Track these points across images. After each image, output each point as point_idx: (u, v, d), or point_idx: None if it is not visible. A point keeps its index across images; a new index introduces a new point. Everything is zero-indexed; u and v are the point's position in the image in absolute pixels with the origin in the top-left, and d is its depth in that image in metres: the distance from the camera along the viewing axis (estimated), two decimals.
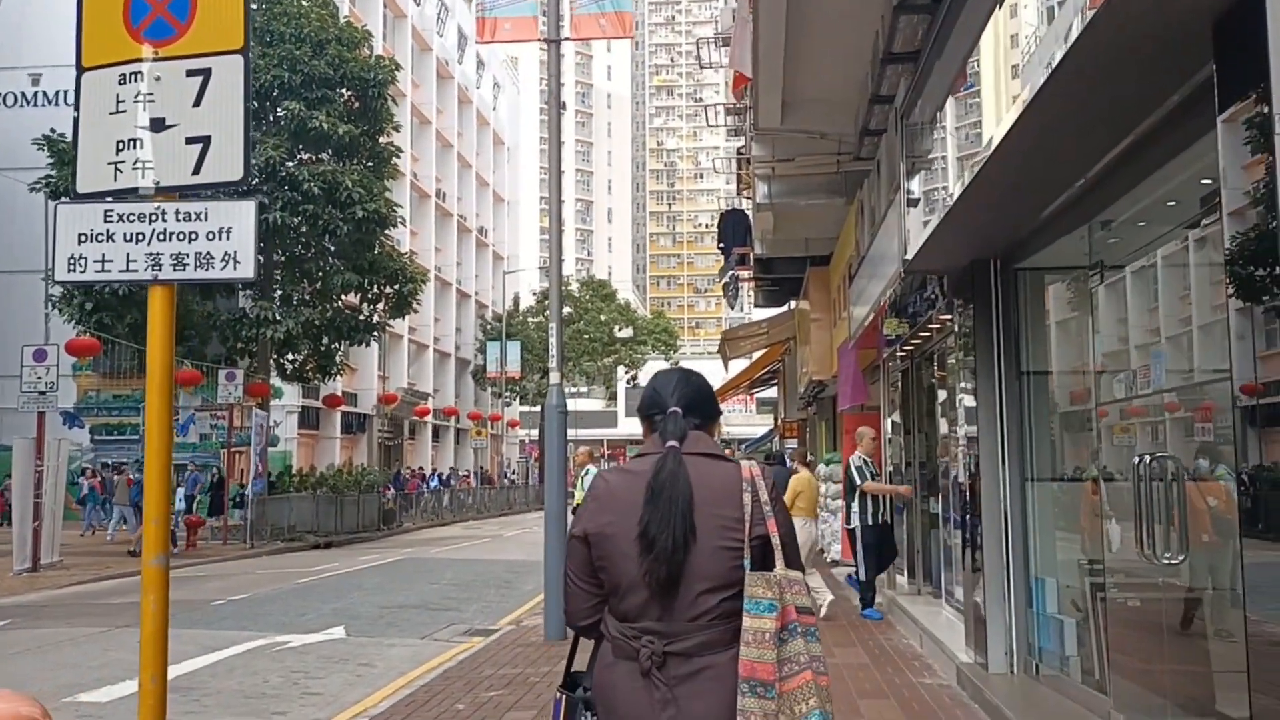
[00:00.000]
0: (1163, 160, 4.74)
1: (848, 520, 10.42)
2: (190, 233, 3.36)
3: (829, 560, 15.58)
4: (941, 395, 9.57)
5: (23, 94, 32.77)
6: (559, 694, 2.65)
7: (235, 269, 3.29)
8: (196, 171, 3.35)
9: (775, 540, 2.41)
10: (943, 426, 9.20)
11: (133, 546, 19.90)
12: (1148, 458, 4.72)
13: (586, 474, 12.27)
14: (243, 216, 3.35)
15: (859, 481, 10.18)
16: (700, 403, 2.62)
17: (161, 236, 3.35)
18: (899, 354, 10.78)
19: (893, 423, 11.47)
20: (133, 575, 16.92)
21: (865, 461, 10.34)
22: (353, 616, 11.58)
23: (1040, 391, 6.86)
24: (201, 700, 7.43)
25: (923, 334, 9.34)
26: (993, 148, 5.05)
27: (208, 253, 3.34)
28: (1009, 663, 6.72)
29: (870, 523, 10.11)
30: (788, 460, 14.13)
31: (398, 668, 8.68)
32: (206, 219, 3.37)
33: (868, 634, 9.43)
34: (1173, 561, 4.60)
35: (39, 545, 16.85)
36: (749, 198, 16.41)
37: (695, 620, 2.37)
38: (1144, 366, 5.29)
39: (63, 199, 22.15)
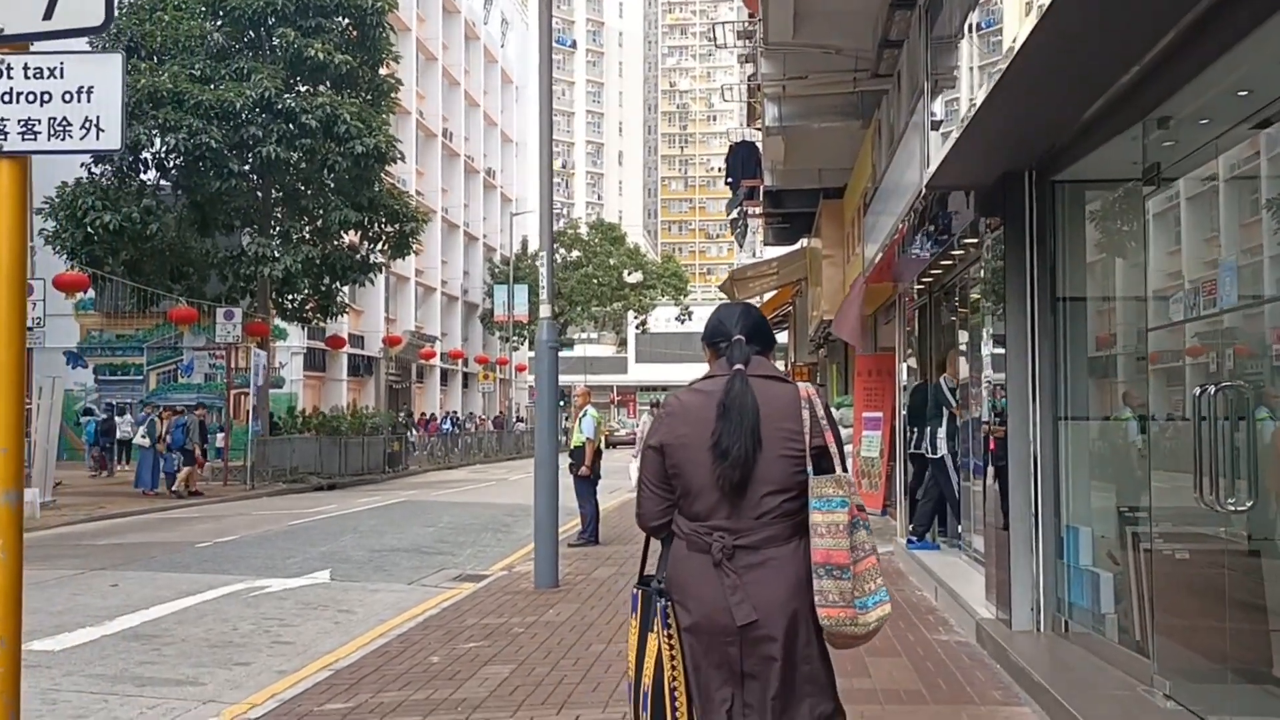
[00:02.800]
0: (1235, 39, 4.01)
1: (933, 449, 9.28)
2: (42, 93, 2.69)
3: None
4: (964, 333, 8.88)
5: None
6: (636, 590, 2.97)
7: (99, 138, 2.64)
8: (48, 15, 2.67)
9: (833, 450, 2.79)
10: (963, 363, 8.52)
11: (177, 486, 19.71)
12: (1211, 389, 4.05)
13: (585, 415, 11.67)
14: (107, 74, 2.68)
15: (953, 405, 9.07)
16: (760, 332, 2.98)
17: (6, 98, 2.69)
18: (916, 288, 10.07)
19: (908, 368, 10.78)
20: (126, 516, 16.54)
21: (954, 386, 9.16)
22: (341, 560, 11.10)
23: (1077, 320, 6.17)
24: (161, 650, 6.92)
25: (944, 262, 8.62)
26: (1032, 26, 4.31)
27: (64, 118, 2.68)
28: (1035, 619, 6.12)
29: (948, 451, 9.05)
30: None
31: (378, 615, 8.18)
32: (62, 76, 2.71)
33: None
34: (1239, 509, 3.95)
35: (26, 485, 16.40)
36: (759, 128, 15.57)
37: (760, 519, 2.76)
38: (1207, 283, 4.59)
39: None
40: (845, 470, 2.82)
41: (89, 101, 2.68)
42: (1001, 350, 6.42)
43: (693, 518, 2.84)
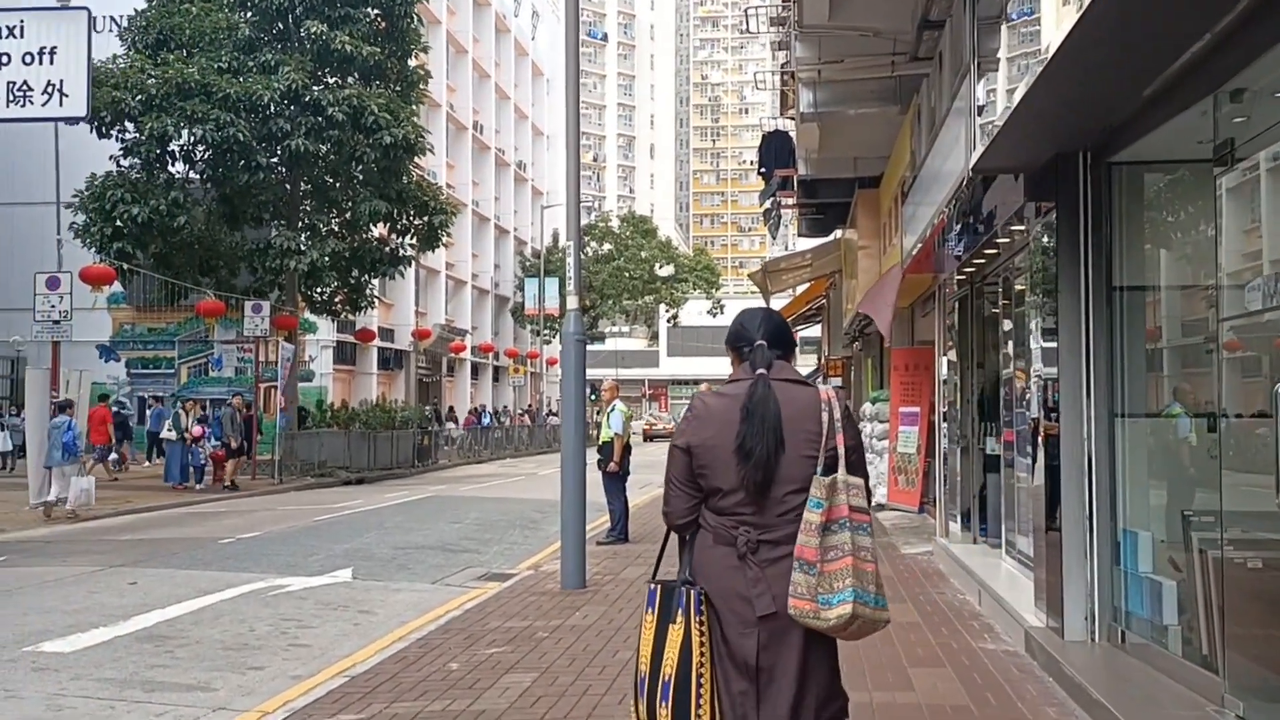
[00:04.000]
0: None
1: None
2: (1, 55, 2.41)
3: (875, 504, 14.65)
4: (1007, 324, 8.49)
5: None
6: (653, 585, 3.02)
7: (62, 104, 2.38)
8: None
9: (841, 451, 2.89)
10: (1008, 354, 8.14)
11: (226, 479, 19.88)
12: None
13: (613, 410, 11.37)
14: (71, 33, 2.42)
15: None
16: (781, 337, 3.08)
17: None
18: (956, 278, 9.66)
19: (948, 361, 10.38)
20: (153, 510, 16.46)
21: None
22: (364, 558, 10.88)
23: (1135, 310, 5.78)
24: (175, 652, 6.70)
25: (987, 251, 8.22)
26: None
27: (24, 82, 2.42)
28: (1089, 629, 5.75)
29: None
30: None
31: (399, 616, 7.93)
32: (21, 35, 2.44)
33: (918, 587, 8.48)
34: None
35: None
36: (793, 118, 15.18)
37: (783, 515, 2.87)
38: None
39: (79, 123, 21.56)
40: (858, 471, 2.93)
41: (52, 64, 2.42)
42: (1053, 344, 6.03)
43: (719, 513, 2.96)
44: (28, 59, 2.06)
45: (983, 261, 8.71)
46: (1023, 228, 6.92)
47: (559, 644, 6.52)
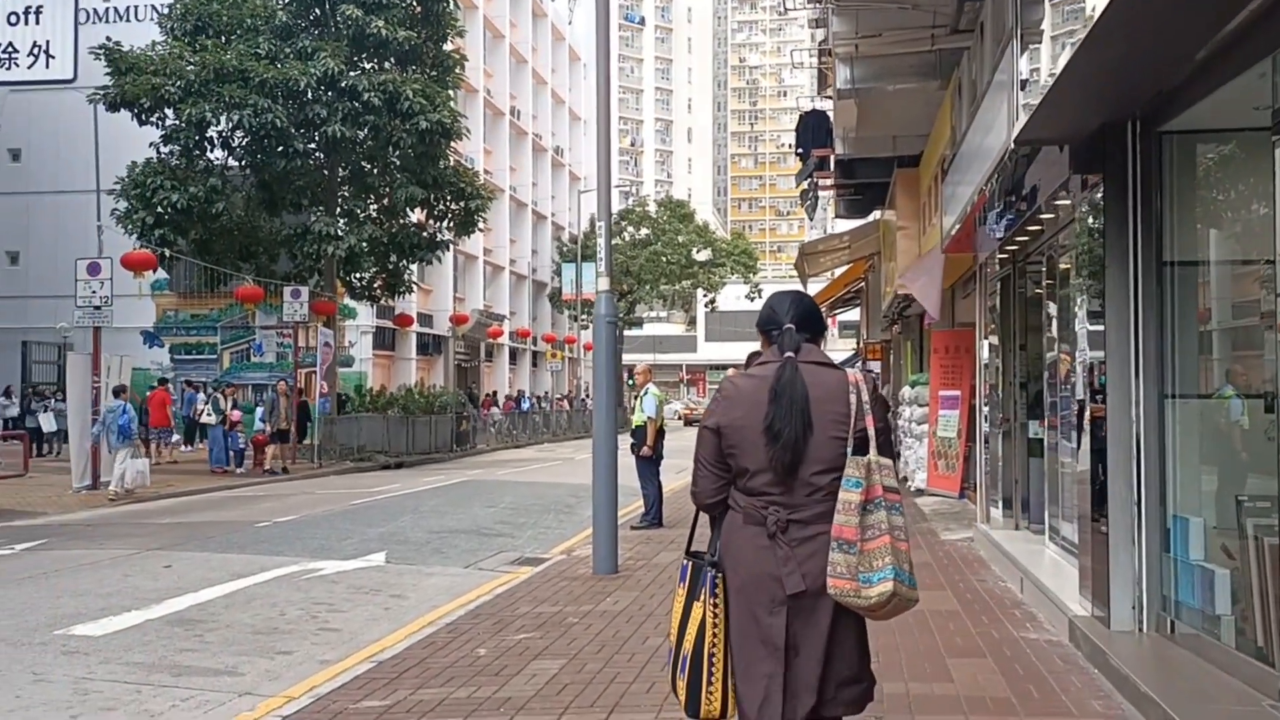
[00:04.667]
0: None
1: None
2: None
3: (914, 489, 14.40)
4: (1051, 304, 8.23)
5: (84, 10, 32.42)
6: (686, 560, 3.11)
7: (49, 66, 2.25)
8: None
9: (871, 432, 2.92)
10: (1052, 335, 7.89)
11: (270, 464, 20.19)
12: None
13: (646, 393, 11.23)
14: None
15: None
16: (810, 320, 3.11)
17: None
18: (998, 257, 9.39)
19: (990, 344, 10.11)
20: (192, 494, 16.61)
21: None
22: (399, 541, 10.86)
23: (1186, 287, 5.53)
24: (204, 636, 6.68)
25: (1030, 228, 7.95)
26: None
27: (9, 44, 2.30)
28: (1136, 618, 5.52)
29: None
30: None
31: (431, 601, 7.88)
32: None
33: (958, 574, 8.27)
34: None
35: (98, 462, 16.58)
36: (830, 97, 14.88)
37: (811, 495, 2.91)
38: None
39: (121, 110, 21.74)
40: (886, 452, 2.96)
41: (38, 23, 2.30)
42: (1100, 324, 5.79)
43: (748, 493, 2.98)
44: (12, 19, 1.98)
45: (1025, 239, 8.45)
46: (1068, 202, 6.66)
47: (588, 630, 6.42)
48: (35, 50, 4.42)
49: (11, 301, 32.05)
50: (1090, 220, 6.05)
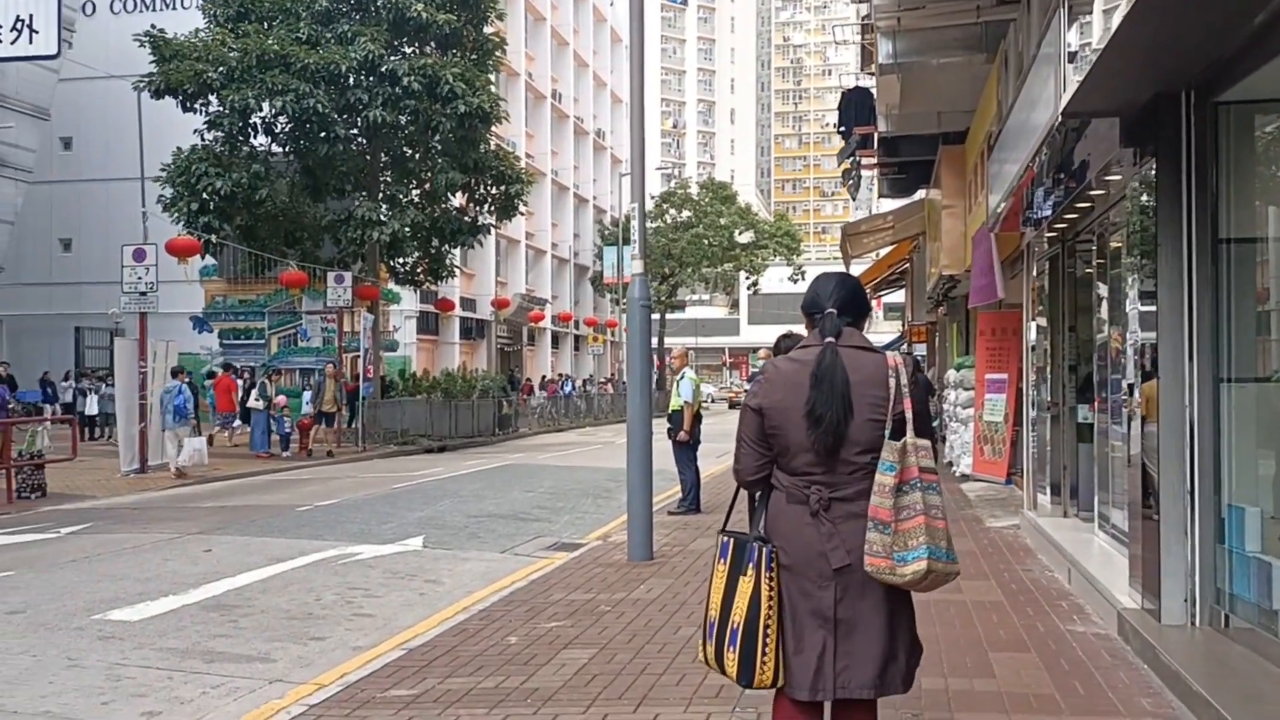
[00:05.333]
0: None
1: None
2: None
3: (958, 474, 14.13)
4: (1101, 285, 7.96)
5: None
6: (724, 537, 3.21)
7: (32, 41, 2.18)
8: None
9: (908, 415, 3.01)
10: (1102, 316, 7.62)
11: (312, 447, 20.61)
12: None
13: (683, 378, 11.09)
14: None
15: None
16: (853, 304, 3.18)
17: None
18: (1046, 236, 9.10)
19: (1037, 326, 9.82)
20: (239, 478, 16.79)
21: None
22: (437, 526, 10.86)
23: (1243, 265, 5.27)
24: (239, 622, 6.69)
25: (1080, 205, 7.68)
26: None
27: None
28: (1189, 612, 5.30)
29: None
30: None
31: (465, 586, 7.84)
32: None
33: (1002, 563, 8.05)
34: None
35: (146, 446, 16.82)
36: (873, 73, 14.57)
37: (852, 475, 3.01)
38: None
39: (166, 97, 21.95)
40: (924, 433, 3.05)
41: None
42: (1152, 304, 5.54)
43: (791, 472, 3.10)
44: None
45: (1075, 217, 8.17)
46: (1118, 178, 6.40)
47: (620, 618, 6.32)
48: (18, 25, 4.38)
49: (65, 288, 32.68)
50: (1142, 196, 5.79)
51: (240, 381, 22.87)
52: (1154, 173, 5.52)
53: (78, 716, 4.83)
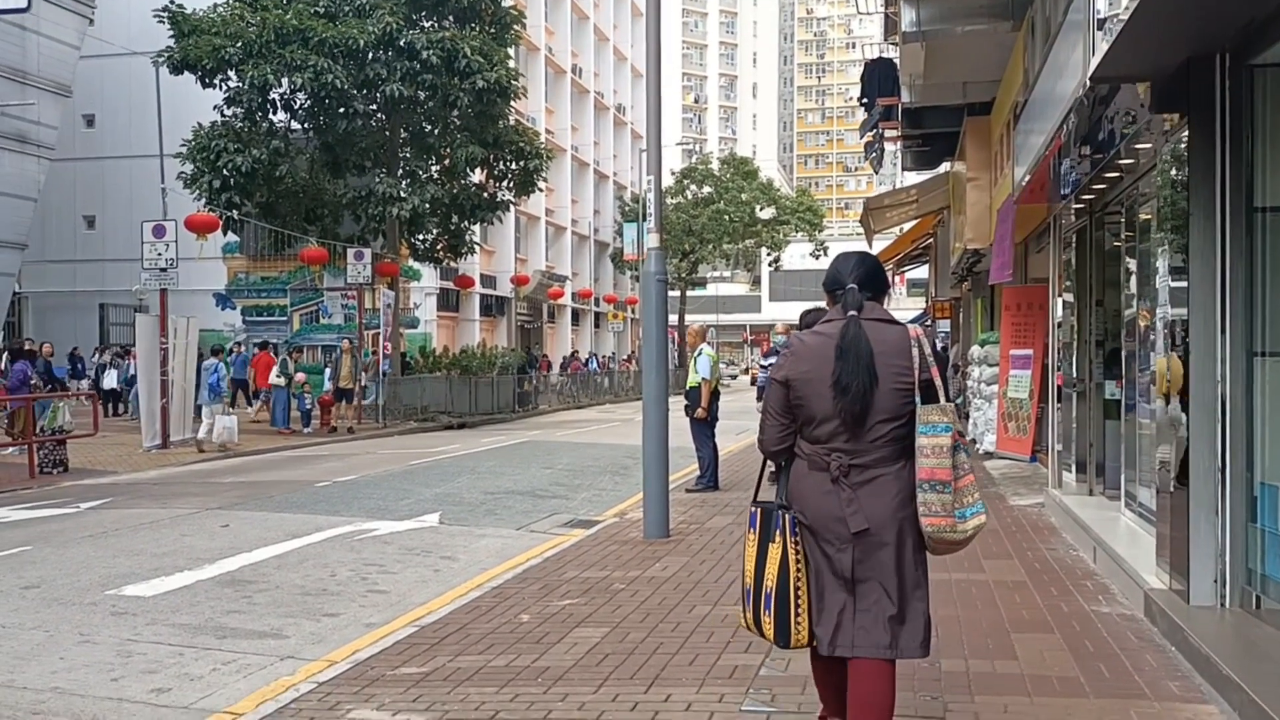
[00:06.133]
0: None
1: None
2: None
3: (982, 452, 13.95)
4: (1130, 259, 7.74)
5: None
6: (753, 508, 3.38)
7: None
8: None
9: (937, 380, 3.20)
10: (1131, 291, 7.42)
11: (342, 424, 20.79)
12: None
13: (700, 354, 10.96)
14: None
15: None
16: (873, 279, 3.34)
17: None
18: (1074, 207, 8.89)
19: (1064, 302, 9.61)
20: (260, 454, 16.84)
21: None
22: (453, 503, 10.82)
23: None
24: (253, 597, 6.66)
25: (1108, 175, 7.47)
26: None
27: None
28: (1218, 593, 5.15)
29: None
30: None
31: (480, 563, 7.79)
32: None
33: (1026, 542, 7.91)
34: None
35: (167, 422, 16.89)
36: (896, 43, 14.28)
37: (874, 443, 3.17)
38: None
39: (185, 73, 21.90)
40: (948, 400, 3.23)
41: None
42: (1183, 277, 5.36)
43: (813, 441, 3.25)
44: None
45: (1103, 187, 7.96)
46: (1148, 146, 6.20)
47: (634, 597, 6.23)
48: None
49: (89, 265, 32.85)
50: (1173, 166, 5.60)
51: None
52: (1186, 139, 5.32)
53: (86, 693, 4.80)
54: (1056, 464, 9.67)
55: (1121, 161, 6.97)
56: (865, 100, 16.20)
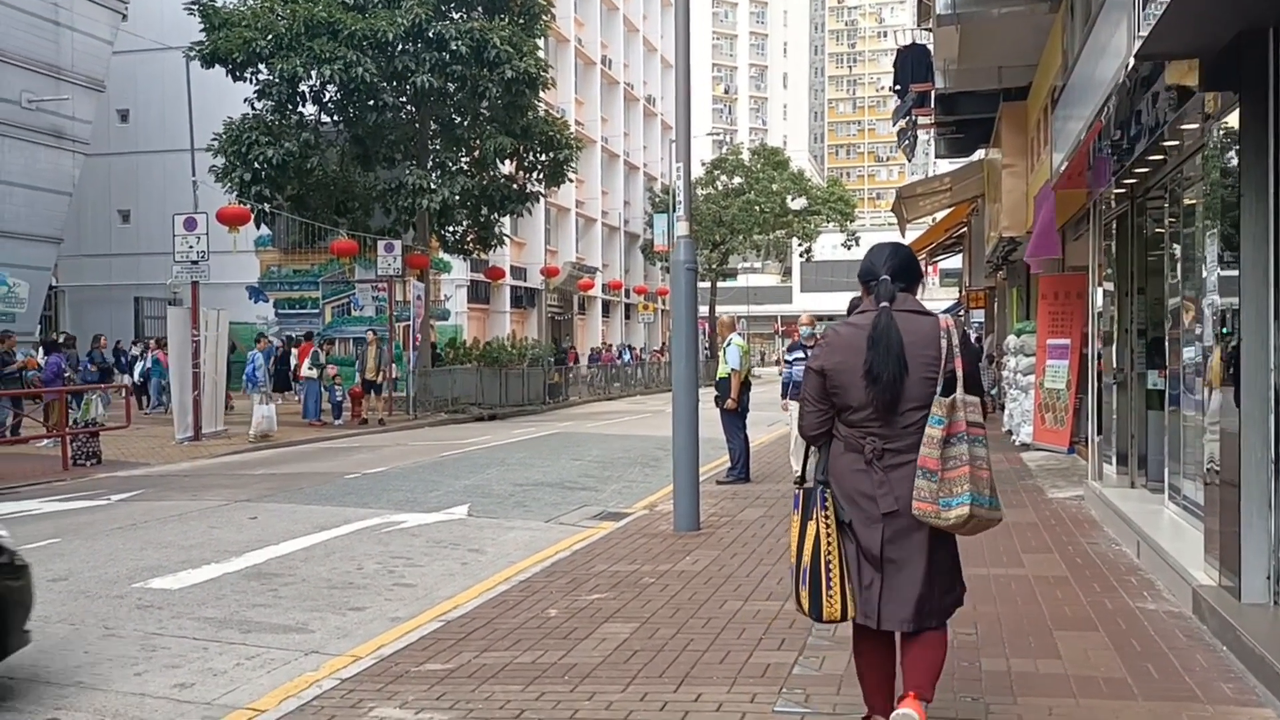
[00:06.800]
0: None
1: None
2: None
3: (1019, 444, 13.69)
4: (1174, 245, 7.50)
5: None
6: (796, 489, 3.58)
7: None
8: None
9: (959, 374, 3.33)
10: (1175, 278, 7.19)
11: (372, 416, 20.90)
12: None
13: (730, 344, 10.81)
14: None
15: None
16: (906, 271, 3.49)
17: None
18: (1114, 192, 8.64)
19: (1104, 291, 9.36)
20: (291, 445, 16.88)
21: None
22: (482, 495, 10.76)
23: None
24: (279, 591, 6.61)
25: (1152, 158, 7.23)
26: None
27: None
28: (1271, 590, 4.95)
29: None
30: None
31: (508, 556, 7.70)
32: None
33: (1066, 535, 7.70)
34: None
35: (199, 414, 16.97)
36: (930, 28, 14.02)
37: (906, 429, 3.34)
38: None
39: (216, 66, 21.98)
40: (974, 390, 3.34)
41: None
42: (1234, 272, 5.14)
43: (849, 425, 3.41)
44: None
45: (1146, 171, 7.71)
46: (1195, 127, 5.97)
47: (664, 591, 6.11)
48: None
49: (124, 258, 33.15)
50: (1221, 147, 5.38)
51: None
52: (1237, 119, 5.10)
53: (109, 688, 4.76)
54: (1096, 455, 9.44)
55: (1166, 144, 6.73)
56: (898, 87, 15.93)
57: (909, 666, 3.40)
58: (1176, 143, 6.62)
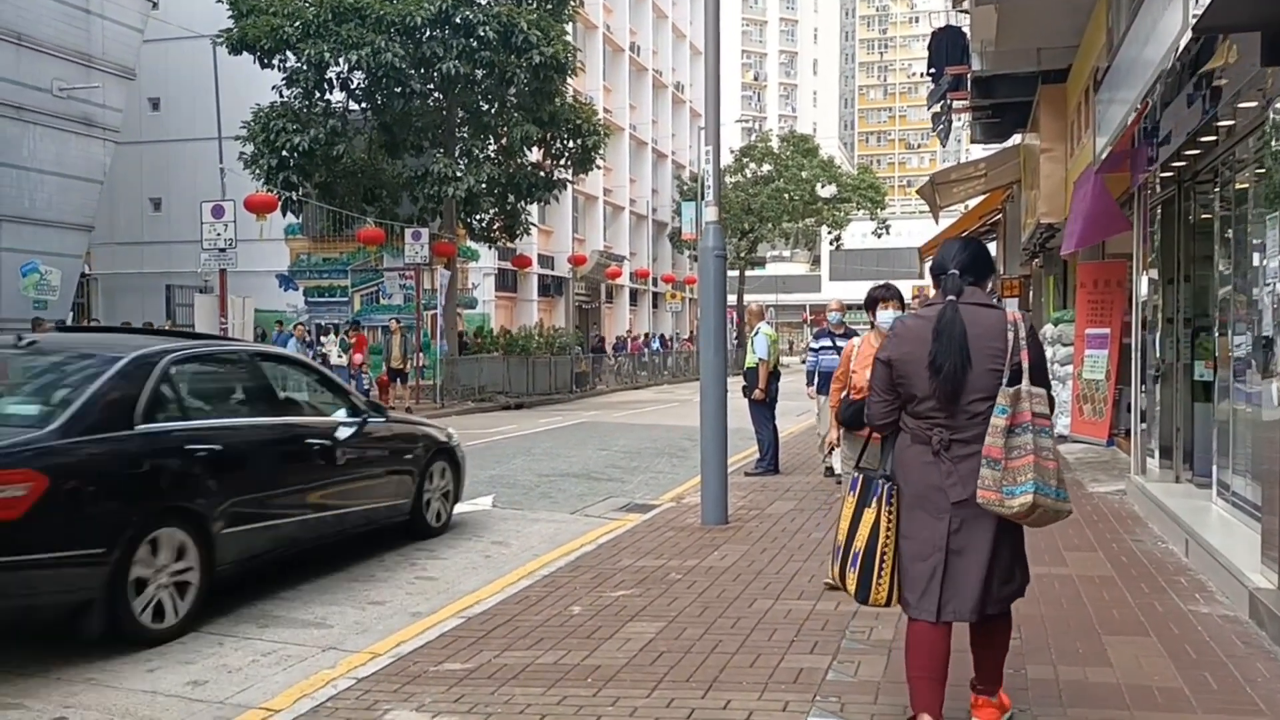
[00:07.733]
0: None
1: None
2: None
3: (1058, 435, 13.36)
4: (1226, 230, 7.18)
5: None
6: (855, 473, 3.71)
7: None
8: None
9: (1025, 365, 3.39)
10: (1227, 265, 6.87)
11: (400, 404, 20.74)
12: None
13: (758, 334, 10.56)
14: None
15: None
16: (975, 265, 3.59)
17: None
18: (1161, 176, 8.31)
19: (1149, 280, 9.02)
20: None
21: None
22: (507, 485, 10.61)
23: None
24: (299, 584, 6.47)
25: (1203, 139, 6.91)
26: None
27: None
28: None
29: None
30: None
31: (532, 549, 7.55)
32: None
33: (1110, 532, 7.42)
34: None
35: None
36: (965, 10, 13.65)
37: (972, 419, 3.40)
38: None
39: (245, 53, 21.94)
40: (1039, 382, 3.40)
41: None
42: None
43: (916, 417, 3.48)
44: None
45: (1196, 153, 7.39)
46: (1254, 104, 5.66)
47: (691, 588, 5.91)
48: None
49: (156, 246, 33.31)
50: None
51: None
52: None
53: (120, 685, 4.63)
54: (1139, 449, 9.13)
55: (1219, 124, 6.42)
56: (933, 70, 15.56)
57: (977, 659, 3.60)
58: (1230, 124, 6.31)
